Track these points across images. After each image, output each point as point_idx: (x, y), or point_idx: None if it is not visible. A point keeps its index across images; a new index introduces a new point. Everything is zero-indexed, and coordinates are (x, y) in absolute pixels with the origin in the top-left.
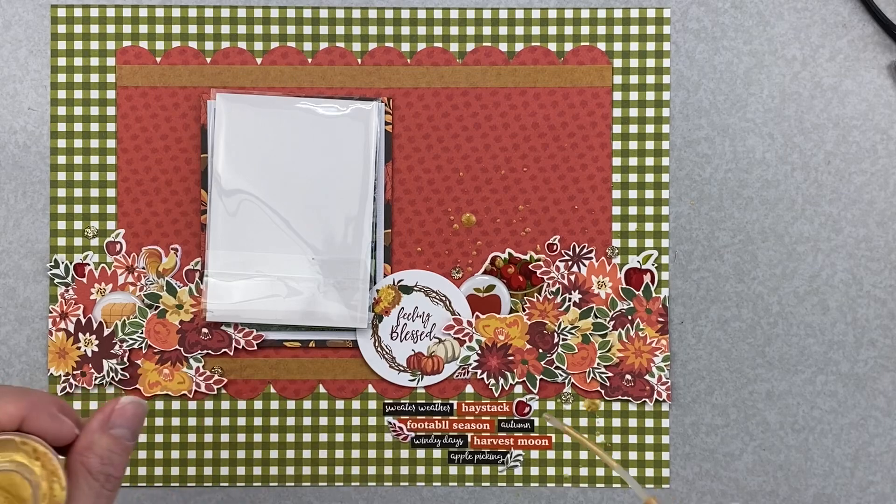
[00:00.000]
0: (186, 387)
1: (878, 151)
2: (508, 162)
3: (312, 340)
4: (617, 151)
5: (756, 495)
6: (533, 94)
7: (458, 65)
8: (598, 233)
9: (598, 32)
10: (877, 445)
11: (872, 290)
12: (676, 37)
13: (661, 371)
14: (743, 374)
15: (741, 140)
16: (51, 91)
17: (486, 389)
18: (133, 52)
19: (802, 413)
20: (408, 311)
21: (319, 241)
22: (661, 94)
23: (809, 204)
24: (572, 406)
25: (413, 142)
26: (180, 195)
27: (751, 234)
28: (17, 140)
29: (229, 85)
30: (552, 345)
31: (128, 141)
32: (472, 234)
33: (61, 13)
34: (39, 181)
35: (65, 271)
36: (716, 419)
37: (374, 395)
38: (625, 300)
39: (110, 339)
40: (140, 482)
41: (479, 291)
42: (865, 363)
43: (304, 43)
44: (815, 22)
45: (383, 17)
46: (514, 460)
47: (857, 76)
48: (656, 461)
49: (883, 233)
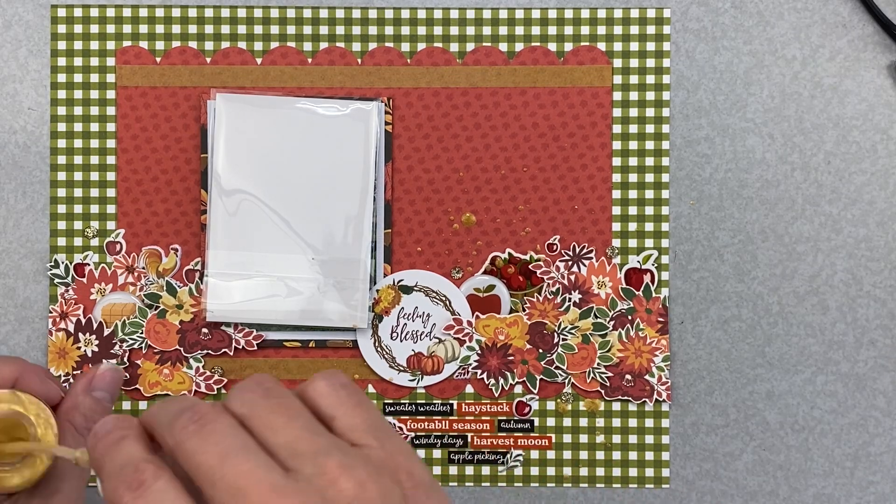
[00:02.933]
0: (186, 387)
1: (878, 151)
2: (508, 162)
3: (312, 340)
4: (617, 151)
5: (756, 495)
6: (533, 94)
7: (458, 65)
8: (598, 233)
9: (598, 32)
10: (877, 445)
11: (872, 290)
12: (676, 37)
13: (661, 371)
14: (743, 374)
15: (741, 140)
16: (51, 91)
17: (486, 389)
18: (133, 52)
19: (802, 413)
20: (408, 311)
21: (319, 241)
22: (661, 94)
23: (809, 204)
24: (572, 406)
25: (413, 142)
26: (180, 195)
27: (751, 234)
28: (17, 140)
29: (229, 85)
30: (552, 345)
31: (128, 141)
32: (472, 234)
33: (61, 13)
34: (39, 181)
35: (65, 271)
36: (716, 419)
37: (374, 395)
38: (625, 300)
39: (110, 339)
40: None
41: (479, 291)
42: (865, 363)
43: (304, 43)
44: (815, 22)
45: (383, 17)
46: (514, 460)
47: (857, 76)
48: (656, 461)
49: (883, 233)
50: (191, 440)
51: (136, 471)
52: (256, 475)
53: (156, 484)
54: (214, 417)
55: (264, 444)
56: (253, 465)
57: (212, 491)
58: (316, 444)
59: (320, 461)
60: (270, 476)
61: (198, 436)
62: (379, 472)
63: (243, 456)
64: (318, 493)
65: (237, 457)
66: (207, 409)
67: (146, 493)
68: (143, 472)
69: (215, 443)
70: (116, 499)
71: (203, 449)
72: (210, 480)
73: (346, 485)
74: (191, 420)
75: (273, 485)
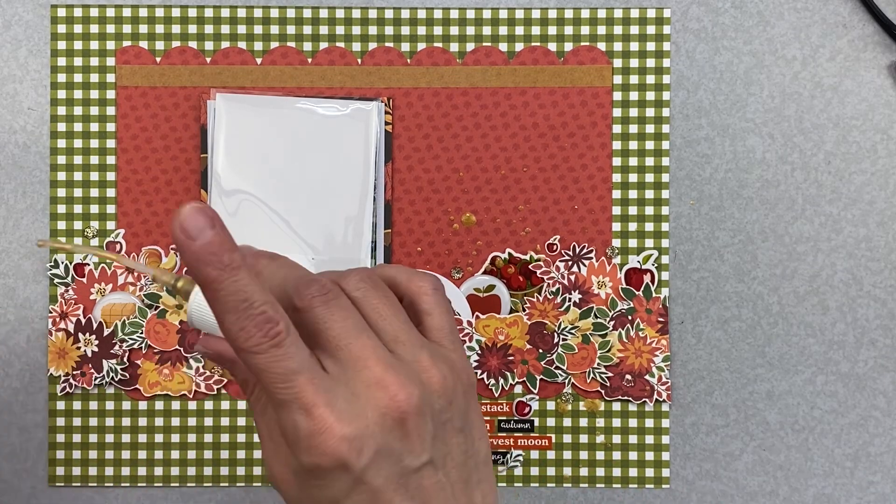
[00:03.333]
0: (186, 387)
1: (878, 151)
2: (508, 162)
3: None
4: (617, 151)
5: (756, 495)
6: (533, 94)
7: (458, 65)
8: (598, 233)
9: (598, 32)
10: (877, 445)
11: (872, 290)
12: (676, 37)
13: (661, 371)
14: (743, 374)
15: (741, 140)
16: (51, 91)
17: (486, 389)
18: (133, 52)
19: (802, 413)
20: None
21: (319, 241)
22: (661, 94)
23: (809, 204)
24: (572, 406)
25: (413, 142)
26: (180, 195)
27: (751, 234)
28: (17, 140)
29: (229, 85)
30: (552, 345)
31: (128, 141)
32: (472, 234)
33: (61, 13)
34: (39, 181)
35: (65, 271)
36: (716, 419)
37: None
38: (625, 300)
39: (110, 339)
40: (140, 482)
41: (479, 291)
42: (865, 363)
43: (304, 43)
44: (815, 22)
45: (383, 17)
46: (514, 460)
47: (857, 76)
48: (656, 461)
49: (883, 233)
50: (319, 308)
51: (269, 321)
52: (375, 350)
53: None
54: (338, 294)
55: (373, 327)
56: (373, 343)
57: (336, 354)
58: (414, 337)
59: (417, 352)
60: (384, 353)
61: (325, 306)
62: (453, 370)
63: (365, 333)
64: (416, 376)
65: (360, 332)
66: (331, 286)
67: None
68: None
69: (342, 317)
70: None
71: (332, 318)
72: (336, 346)
73: (434, 374)
74: (319, 291)
75: (387, 361)
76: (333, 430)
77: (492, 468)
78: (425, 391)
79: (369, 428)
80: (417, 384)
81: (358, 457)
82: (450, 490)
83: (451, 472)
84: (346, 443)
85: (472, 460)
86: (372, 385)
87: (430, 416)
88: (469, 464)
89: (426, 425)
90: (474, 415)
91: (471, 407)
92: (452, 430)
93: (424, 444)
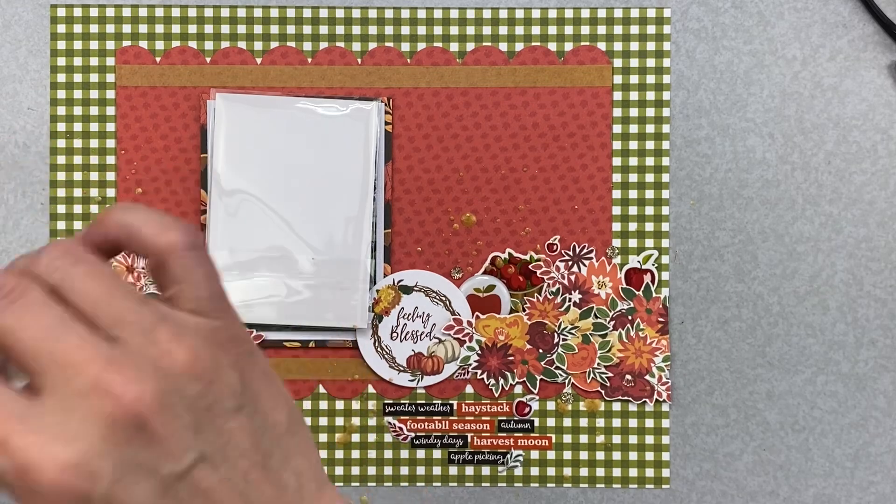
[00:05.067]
0: None
1: (878, 151)
2: (508, 162)
3: (312, 340)
4: (617, 151)
5: (756, 495)
6: (533, 94)
7: (458, 65)
8: (598, 233)
9: (598, 32)
10: (877, 445)
11: (872, 290)
12: (676, 37)
13: (662, 371)
14: (743, 374)
15: (741, 140)
16: (50, 91)
17: (486, 390)
18: (133, 52)
19: (803, 413)
20: (408, 312)
21: (319, 242)
22: (661, 93)
23: (809, 204)
24: (572, 406)
25: (413, 142)
26: (180, 195)
27: (751, 234)
28: (17, 140)
29: (229, 85)
30: (552, 345)
31: (128, 141)
32: (472, 234)
33: (61, 13)
34: (39, 181)
35: None
36: (716, 419)
37: (373, 395)
38: (625, 300)
39: None
40: None
41: (479, 291)
42: (866, 363)
43: (304, 43)
44: (815, 22)
45: (383, 17)
46: (514, 461)
47: (857, 76)
48: (656, 461)
49: (883, 233)
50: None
51: None
52: (86, 347)
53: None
54: (25, 290)
55: (83, 315)
56: (81, 339)
57: (36, 366)
58: (145, 313)
59: (150, 330)
60: (100, 348)
61: (9, 311)
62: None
63: (71, 329)
64: (149, 363)
65: (64, 330)
66: (14, 281)
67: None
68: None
69: (34, 318)
70: None
71: (20, 323)
72: (34, 356)
73: (179, 353)
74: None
75: (106, 356)
76: (45, 461)
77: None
78: (166, 379)
79: (95, 445)
80: (152, 373)
81: (93, 483)
82: (242, 483)
83: (239, 461)
84: (71, 470)
85: (268, 437)
86: (89, 392)
87: (184, 407)
88: (264, 443)
89: (178, 419)
90: (259, 384)
91: (252, 377)
92: (223, 413)
93: (183, 442)
